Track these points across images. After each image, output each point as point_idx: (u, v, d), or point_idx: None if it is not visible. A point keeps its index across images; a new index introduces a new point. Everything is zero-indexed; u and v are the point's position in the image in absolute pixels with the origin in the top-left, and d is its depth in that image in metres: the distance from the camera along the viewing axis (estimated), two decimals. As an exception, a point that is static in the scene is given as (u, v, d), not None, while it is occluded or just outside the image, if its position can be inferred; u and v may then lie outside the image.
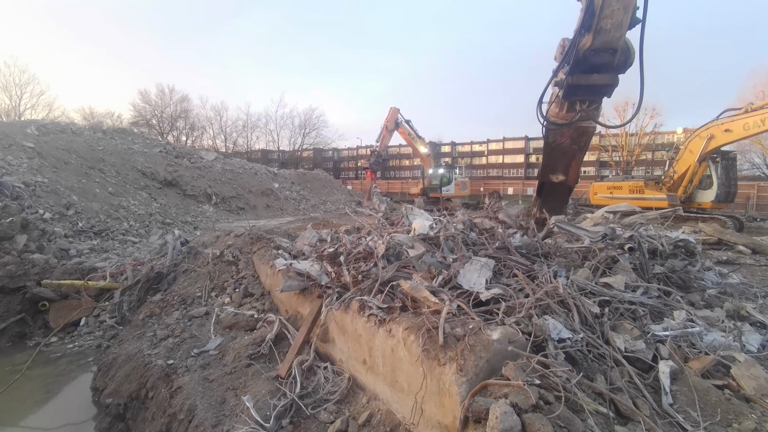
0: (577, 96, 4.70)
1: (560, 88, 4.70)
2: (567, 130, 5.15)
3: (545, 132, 5.36)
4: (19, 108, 43.18)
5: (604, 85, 4.51)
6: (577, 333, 2.92)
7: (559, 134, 5.31)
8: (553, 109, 5.03)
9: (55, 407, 5.43)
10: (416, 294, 3.12)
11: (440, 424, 2.54)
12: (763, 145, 20.81)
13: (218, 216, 19.39)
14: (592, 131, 5.23)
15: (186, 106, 55.67)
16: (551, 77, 4.69)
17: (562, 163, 5.79)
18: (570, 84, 4.51)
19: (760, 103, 11.87)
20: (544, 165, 6.06)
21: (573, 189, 6.48)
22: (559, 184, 6.06)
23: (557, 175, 5.93)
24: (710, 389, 2.59)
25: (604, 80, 4.46)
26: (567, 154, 5.55)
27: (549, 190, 6.40)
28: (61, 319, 7.16)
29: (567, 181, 6.01)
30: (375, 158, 24.66)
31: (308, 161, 67.17)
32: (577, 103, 4.79)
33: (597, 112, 4.94)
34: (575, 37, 4.27)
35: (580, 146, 5.38)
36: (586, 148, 5.47)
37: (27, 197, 10.92)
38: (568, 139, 5.27)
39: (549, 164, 5.96)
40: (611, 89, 4.56)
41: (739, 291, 4.89)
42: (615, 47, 4.18)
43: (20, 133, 17.28)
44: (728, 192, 13.70)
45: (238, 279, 6.46)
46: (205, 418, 3.51)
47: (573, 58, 4.33)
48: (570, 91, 4.59)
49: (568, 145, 5.34)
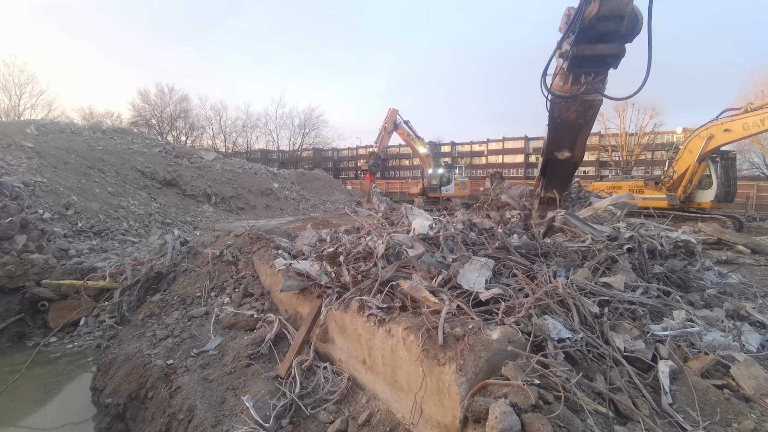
0: (582, 68, 4.54)
1: (565, 59, 4.53)
2: (573, 104, 4.98)
3: (550, 106, 5.18)
4: (18, 108, 43.16)
5: (610, 54, 4.35)
6: (576, 333, 2.92)
7: (564, 108, 5.13)
8: (558, 82, 4.87)
9: (54, 407, 5.43)
10: (416, 294, 3.12)
11: (440, 423, 2.54)
12: (762, 144, 20.86)
13: (218, 216, 19.38)
14: (599, 104, 5.05)
15: (185, 106, 55.66)
16: (555, 48, 4.54)
17: (568, 139, 5.60)
18: (575, 54, 4.34)
19: (760, 102, 11.89)
20: (548, 142, 5.87)
21: (578, 166, 6.28)
22: (564, 161, 5.86)
23: (562, 151, 5.74)
24: (710, 389, 2.59)
25: (611, 50, 4.29)
26: (572, 129, 5.38)
27: (554, 168, 6.20)
28: (61, 319, 7.16)
29: (572, 158, 5.81)
30: (374, 160, 24.57)
31: (308, 161, 67.15)
32: (582, 76, 4.64)
33: (603, 85, 4.76)
34: (581, 5, 4.09)
35: (586, 120, 5.21)
36: (593, 122, 5.30)
37: (26, 197, 10.91)
38: (573, 113, 5.09)
39: (554, 141, 5.76)
40: (617, 59, 4.39)
41: (738, 291, 4.90)
42: (622, 13, 4.00)
43: (19, 132, 17.26)
44: (728, 192, 13.72)
45: (238, 279, 6.46)
46: (204, 418, 3.51)
47: (578, 26, 4.14)
48: (575, 62, 4.42)
49: (573, 119, 5.16)
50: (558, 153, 5.80)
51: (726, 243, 9.81)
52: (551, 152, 5.89)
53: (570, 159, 5.82)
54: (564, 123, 5.30)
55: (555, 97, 4.97)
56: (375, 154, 24.36)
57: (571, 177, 6.71)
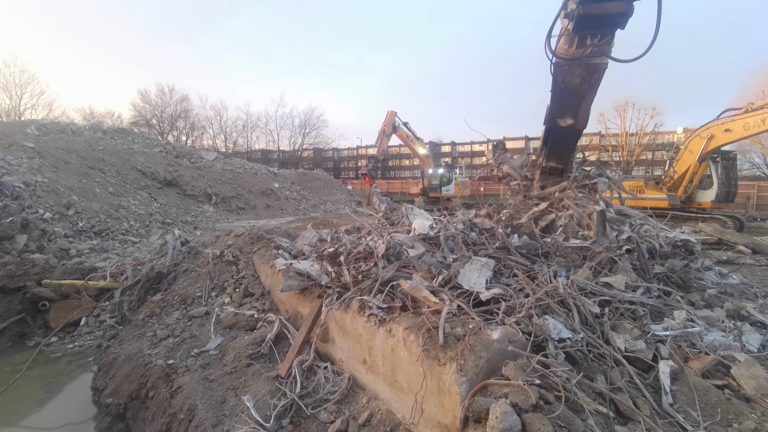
0: (588, 28, 4.38)
1: (570, 20, 4.38)
2: (577, 68, 4.83)
3: (553, 70, 5.04)
4: (19, 108, 43.17)
5: (618, 14, 4.18)
6: (577, 333, 2.92)
7: (568, 73, 4.96)
8: (562, 45, 4.72)
9: (55, 407, 5.43)
10: (416, 294, 3.13)
11: (440, 423, 2.54)
12: (763, 144, 20.83)
13: (218, 216, 19.39)
14: (604, 68, 4.88)
15: (186, 106, 55.65)
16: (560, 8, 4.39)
17: (571, 105, 5.42)
18: (581, 14, 4.17)
19: (761, 102, 11.89)
20: (551, 109, 5.66)
21: (581, 133, 6.03)
22: (566, 128, 5.66)
23: (565, 119, 5.53)
24: (710, 389, 2.59)
25: (618, 8, 4.12)
26: (576, 95, 5.21)
27: (556, 137, 5.99)
28: (61, 319, 7.16)
29: (575, 125, 5.60)
30: (373, 164, 24.42)
31: (308, 161, 67.12)
32: (588, 37, 4.49)
33: (609, 47, 4.59)
34: None
35: (591, 85, 5.04)
36: (597, 86, 5.13)
37: (27, 197, 10.92)
38: (578, 77, 4.92)
39: (557, 107, 5.55)
40: (625, 19, 4.23)
41: (739, 291, 4.89)
42: None
43: (20, 132, 17.28)
44: (728, 192, 13.71)
45: (238, 279, 6.46)
46: (205, 418, 3.51)
47: None
48: (581, 22, 4.26)
49: (577, 84, 5.00)
50: (561, 120, 5.58)
51: (726, 243, 9.79)
52: (554, 120, 5.67)
53: (573, 126, 5.60)
54: (567, 88, 5.13)
55: (559, 60, 4.81)
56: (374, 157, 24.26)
57: (574, 146, 6.41)
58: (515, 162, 7.07)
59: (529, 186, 6.74)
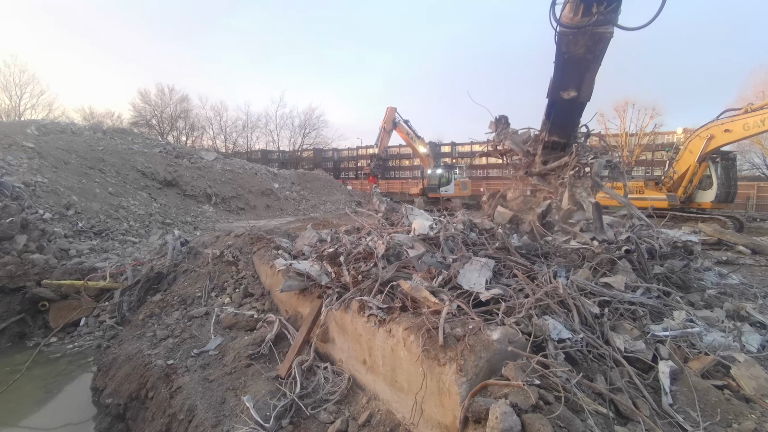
0: None
1: None
2: (581, 37, 4.74)
3: (558, 40, 4.96)
4: (19, 108, 43.15)
5: None
6: (577, 333, 2.92)
7: (572, 43, 4.88)
8: (567, 13, 4.64)
9: (55, 407, 5.43)
10: (416, 294, 3.13)
11: (440, 424, 2.55)
12: (763, 145, 20.85)
13: (218, 216, 19.39)
14: (609, 37, 4.78)
15: (186, 106, 55.61)
16: None
17: (575, 77, 5.31)
18: None
19: (760, 103, 11.90)
20: (554, 81, 5.55)
21: (584, 106, 5.89)
22: (570, 101, 5.55)
23: (569, 91, 5.43)
24: (710, 389, 2.60)
25: None
26: (580, 66, 5.12)
27: (559, 110, 5.87)
28: (61, 319, 7.16)
29: (579, 98, 5.49)
30: (375, 162, 24.56)
31: (308, 161, 67.11)
32: (594, 5, 4.41)
33: (615, 15, 4.49)
34: None
35: (596, 55, 4.95)
36: (602, 57, 5.05)
37: (27, 197, 10.92)
38: (582, 47, 4.83)
39: (560, 79, 5.45)
40: None
41: (738, 291, 4.89)
42: None
43: (20, 133, 17.27)
44: (728, 192, 13.72)
45: (238, 279, 6.46)
46: (205, 418, 3.51)
47: None
48: None
49: (582, 54, 4.90)
50: (564, 93, 5.48)
51: (726, 243, 9.80)
52: (557, 92, 5.56)
53: (576, 99, 5.49)
54: (571, 59, 5.03)
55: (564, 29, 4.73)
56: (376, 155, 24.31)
57: (577, 119, 6.24)
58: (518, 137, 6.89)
59: (531, 161, 6.58)
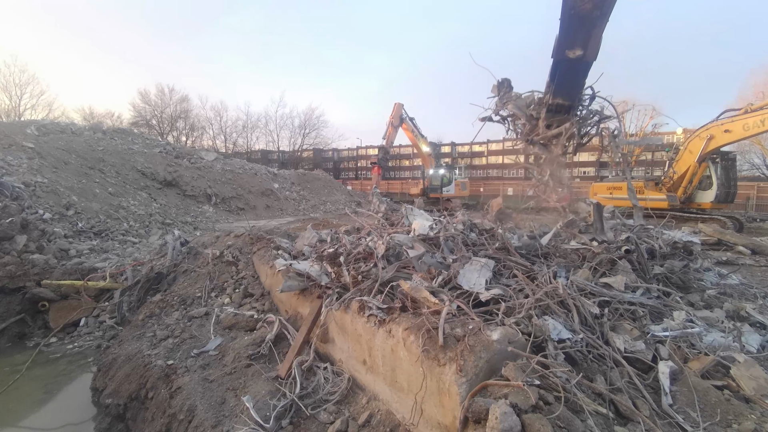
0: None
1: None
2: None
3: None
4: (19, 108, 43.13)
5: None
6: (576, 333, 2.92)
7: None
8: None
9: (54, 407, 5.43)
10: (416, 294, 3.13)
11: (440, 424, 2.55)
12: (762, 145, 20.83)
13: (218, 216, 19.38)
14: None
15: (186, 107, 55.63)
16: None
17: (581, 35, 5.14)
18: None
19: (760, 103, 11.88)
20: (559, 40, 5.36)
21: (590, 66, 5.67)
22: (575, 61, 5.38)
23: (574, 50, 5.25)
24: (710, 390, 2.60)
25: None
26: (587, 23, 4.97)
27: (564, 70, 5.69)
28: (61, 320, 7.16)
29: (585, 57, 5.32)
30: (383, 154, 25.04)
31: (308, 161, 67.13)
32: None
33: None
34: None
35: (603, 11, 4.83)
36: (609, 13, 4.92)
37: (27, 197, 10.91)
38: (589, 3, 4.70)
39: (566, 37, 5.26)
40: None
41: (738, 291, 4.89)
42: None
43: (20, 133, 17.26)
44: (728, 192, 13.71)
45: (238, 279, 6.46)
46: (204, 419, 3.51)
47: None
48: None
49: (589, 10, 4.76)
50: (569, 51, 5.29)
51: (726, 244, 9.80)
52: (562, 51, 5.37)
53: (582, 58, 5.32)
54: (577, 15, 4.87)
55: None
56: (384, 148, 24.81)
57: (583, 80, 6.00)
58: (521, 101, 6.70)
59: (534, 126, 6.45)
